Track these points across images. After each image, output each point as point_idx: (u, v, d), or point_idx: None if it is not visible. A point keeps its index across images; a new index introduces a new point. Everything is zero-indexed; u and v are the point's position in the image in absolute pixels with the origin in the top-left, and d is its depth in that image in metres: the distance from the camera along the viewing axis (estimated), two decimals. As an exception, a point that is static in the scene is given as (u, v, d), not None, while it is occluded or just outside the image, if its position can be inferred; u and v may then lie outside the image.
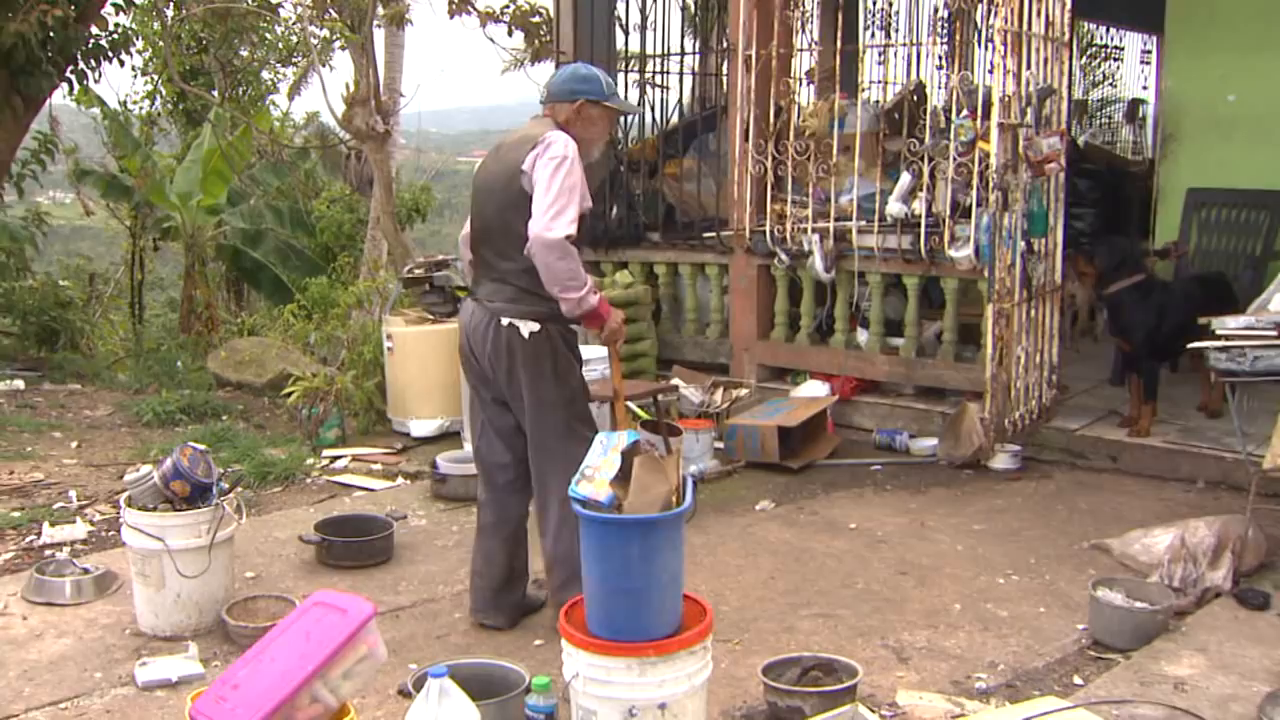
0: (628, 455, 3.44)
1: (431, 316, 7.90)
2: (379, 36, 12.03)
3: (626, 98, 9.12)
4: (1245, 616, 4.65)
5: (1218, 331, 5.22)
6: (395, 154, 13.05)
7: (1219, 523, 5.10)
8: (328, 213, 14.75)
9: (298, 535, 5.56)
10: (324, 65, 11.71)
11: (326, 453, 7.30)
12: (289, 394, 7.71)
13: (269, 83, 17.11)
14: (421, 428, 7.67)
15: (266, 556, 5.50)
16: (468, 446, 7.12)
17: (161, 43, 13.69)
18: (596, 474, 3.41)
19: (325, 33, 13.16)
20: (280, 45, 16.33)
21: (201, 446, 4.81)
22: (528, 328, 4.35)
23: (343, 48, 12.29)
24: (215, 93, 15.20)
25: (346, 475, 6.91)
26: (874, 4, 8.76)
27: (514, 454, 4.59)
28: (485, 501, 4.69)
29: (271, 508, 6.32)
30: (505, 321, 4.37)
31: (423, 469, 6.84)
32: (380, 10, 10.86)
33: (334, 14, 11.37)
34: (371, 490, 6.65)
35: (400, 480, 6.83)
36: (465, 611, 4.82)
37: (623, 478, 3.41)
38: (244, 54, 16.12)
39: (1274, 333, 5.05)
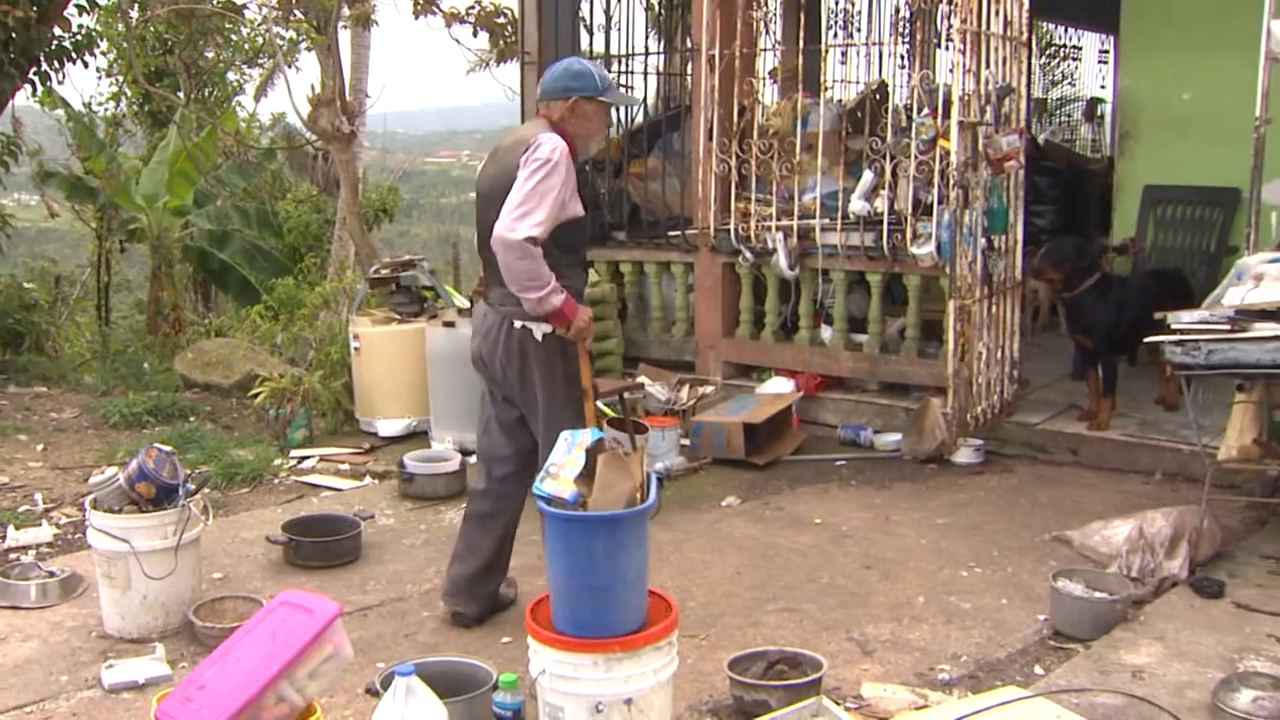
0: (592, 453, 3.48)
1: (398, 317, 7.91)
2: (344, 38, 12.05)
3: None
4: (1201, 605, 4.74)
5: (1173, 326, 5.30)
6: (361, 155, 13.05)
7: (1175, 514, 5.19)
8: (294, 213, 14.71)
9: (265, 536, 5.57)
10: (290, 66, 11.71)
11: (294, 453, 7.30)
12: (256, 395, 7.71)
13: (235, 84, 17.06)
14: (389, 427, 7.68)
15: (234, 557, 5.51)
16: (435, 446, 7.18)
17: (126, 44, 13.62)
18: (561, 471, 3.44)
19: (291, 34, 13.14)
20: (246, 46, 16.28)
21: (167, 448, 4.82)
22: (541, 330, 4.40)
23: (309, 49, 12.30)
24: (181, 94, 15.14)
25: (314, 475, 6.92)
26: (836, 4, 8.85)
27: (515, 447, 4.66)
28: (482, 492, 4.72)
29: (239, 508, 6.32)
30: (518, 324, 4.41)
31: (390, 468, 6.86)
32: (346, 11, 10.86)
33: (299, 15, 11.36)
34: (339, 490, 6.66)
35: (368, 480, 6.85)
36: (434, 610, 4.85)
37: (587, 475, 3.45)
38: (209, 55, 16.05)
39: (1227, 327, 5.13)
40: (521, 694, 3.60)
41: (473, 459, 6.91)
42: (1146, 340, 5.55)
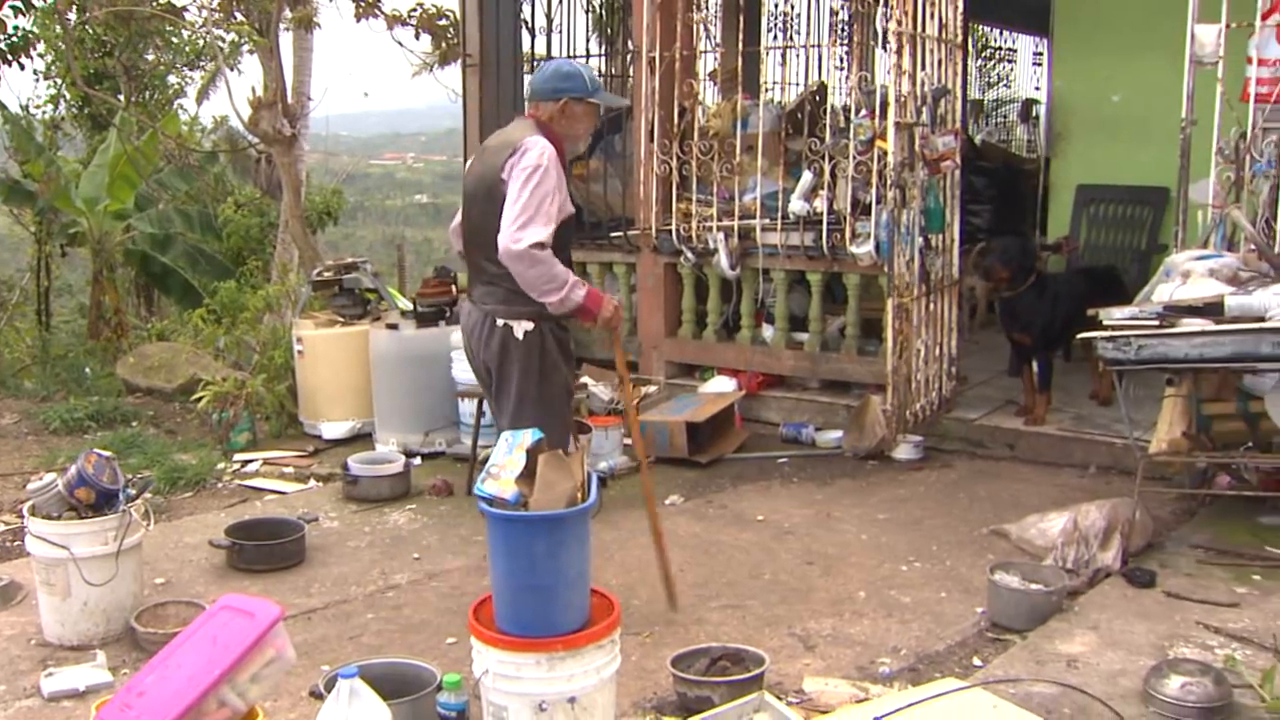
0: (532, 453, 3.50)
1: (341, 319, 7.89)
2: (286, 40, 11.97)
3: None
4: (1133, 595, 4.84)
5: (1105, 323, 5.41)
6: (304, 157, 12.96)
7: (1109, 506, 5.28)
8: (235, 217, 14.59)
9: (208, 540, 5.54)
10: (232, 69, 11.62)
11: (238, 457, 7.26)
12: (199, 399, 7.67)
13: (176, 87, 16.88)
14: (333, 430, 7.66)
15: (177, 562, 5.49)
16: (380, 448, 7.18)
17: (64, 46, 13.46)
18: (502, 472, 3.46)
19: (232, 37, 13.02)
20: (187, 49, 16.11)
21: (107, 453, 4.78)
22: (522, 327, 4.48)
23: (251, 51, 12.20)
24: (121, 97, 14.97)
25: (258, 479, 6.90)
26: (775, 7, 8.90)
27: None
28: None
29: (182, 513, 6.29)
30: (500, 322, 4.50)
31: (334, 471, 6.84)
32: (288, 14, 10.79)
33: (240, 17, 11.26)
34: (283, 493, 6.65)
35: (312, 483, 6.84)
36: (378, 612, 4.87)
37: (528, 475, 3.47)
38: (150, 58, 15.88)
39: (1156, 323, 5.25)
40: (466, 694, 3.62)
41: (417, 460, 6.99)
42: (1080, 337, 5.65)
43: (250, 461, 7.19)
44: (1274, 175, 6.07)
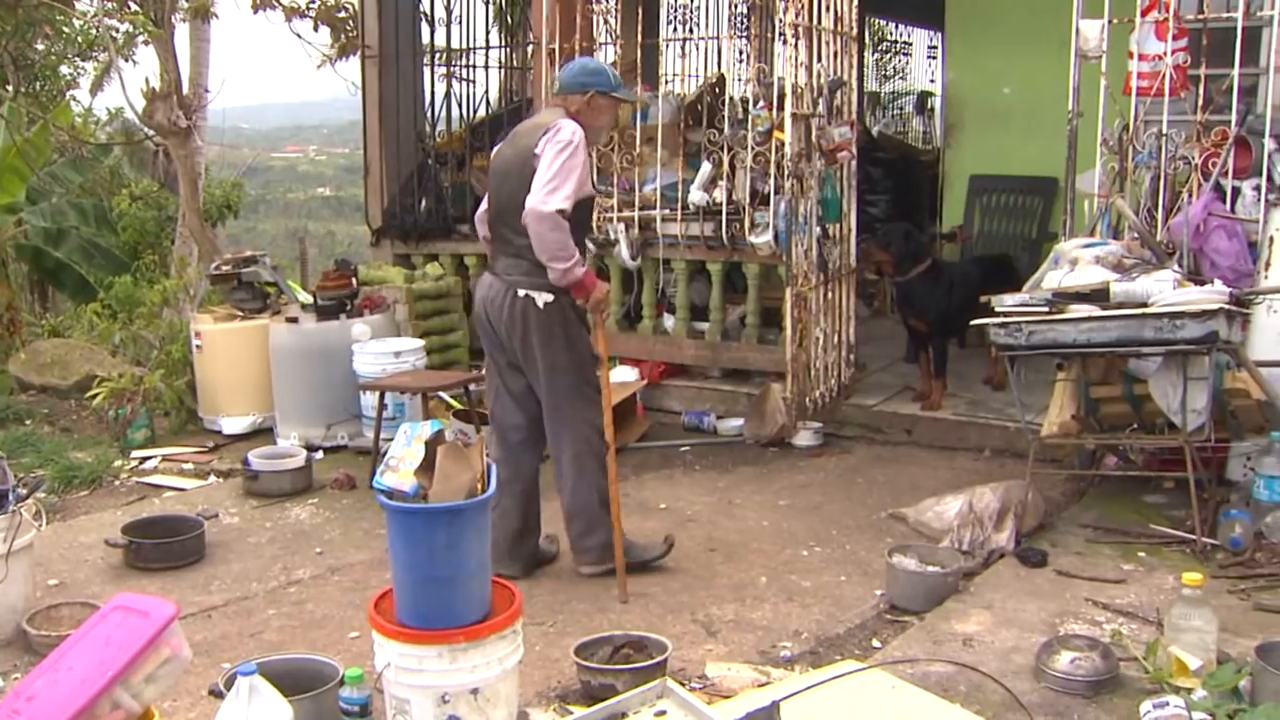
0: (431, 445, 3.51)
1: (241, 313, 7.79)
2: (183, 30, 11.73)
3: (433, 91, 9.16)
4: (1026, 574, 4.96)
5: (997, 309, 5.54)
6: (203, 150, 12.73)
7: (1003, 488, 5.41)
8: (131, 210, 14.30)
9: (104, 539, 5.42)
10: (126, 60, 11.36)
11: (135, 454, 7.13)
12: (95, 395, 7.52)
13: (69, 78, 16.47)
14: (233, 425, 7.55)
15: (71, 563, 5.38)
16: (281, 442, 7.11)
17: (-54, 36, 13.09)
18: (401, 464, 3.47)
19: (126, 27, 12.73)
20: (79, 39, 15.73)
21: (-3, 452, 4.69)
22: (543, 298, 4.77)
23: (146, 42, 11.93)
24: (10, 88, 14.57)
25: (156, 476, 6.78)
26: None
27: (526, 415, 5.05)
28: (500, 460, 4.99)
29: (77, 512, 6.16)
30: (522, 293, 4.78)
31: (235, 466, 6.74)
32: (183, 3, 10.59)
33: (135, 6, 11.02)
34: (183, 490, 6.54)
35: (212, 479, 6.74)
36: (280, 607, 4.82)
37: (427, 467, 3.47)
38: (39, 48, 15.48)
39: (1045, 309, 5.38)
40: (368, 689, 3.60)
41: (319, 454, 6.93)
42: (973, 323, 5.78)
43: (149, 458, 7.07)
44: (1155, 166, 6.26)
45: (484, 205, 5.14)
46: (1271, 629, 4.27)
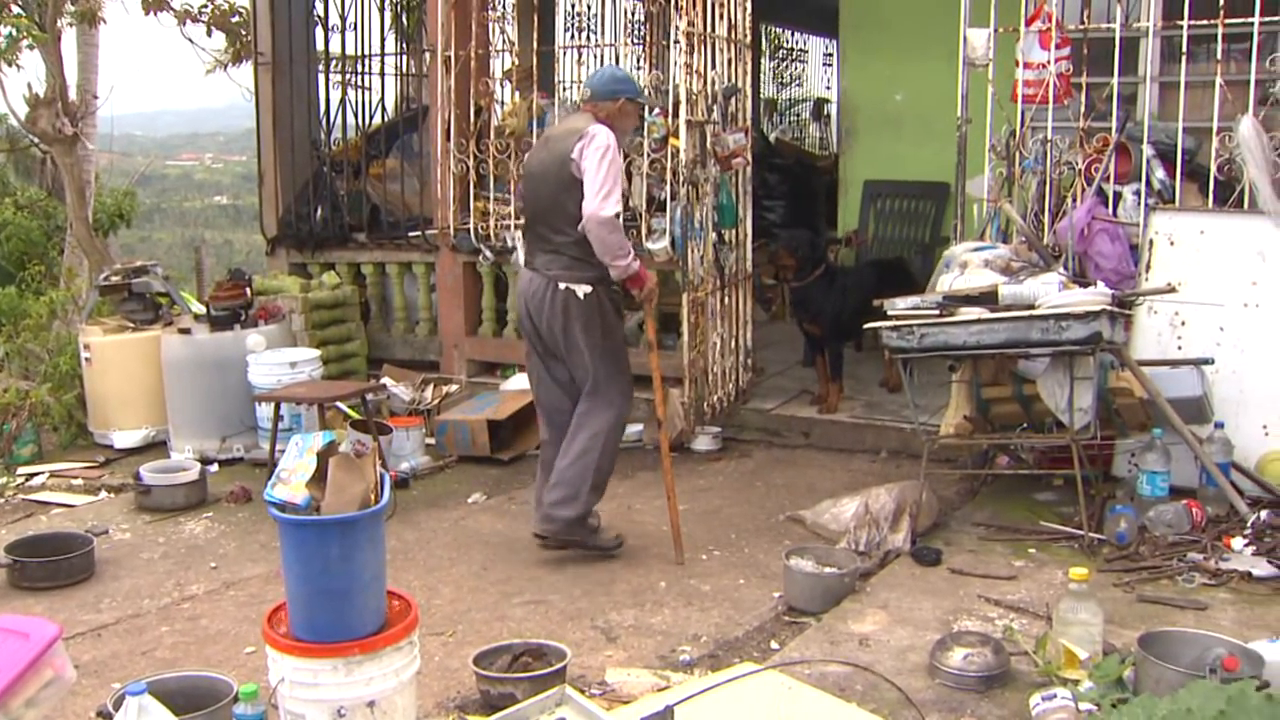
0: (323, 456, 3.47)
1: (132, 324, 7.63)
2: (70, 35, 11.45)
3: (328, 98, 9.07)
4: (920, 573, 5.05)
5: (890, 312, 5.63)
6: (91, 157, 12.44)
7: (898, 489, 5.49)
8: (15, 219, 13.92)
9: (-13, 559, 5.30)
10: (10, 64, 11.05)
11: (21, 470, 6.94)
12: (-23, 411, 7.31)
13: (-53, 83, 15.98)
14: (125, 439, 7.39)
15: (-47, 584, 5.24)
16: (175, 456, 6.98)
17: None
18: (292, 476, 3.41)
19: (9, 30, 12.40)
20: (-41, 42, 15.27)
21: None
22: (582, 290, 5.16)
23: (31, 47, 11.63)
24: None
25: (44, 492, 6.61)
26: (571, 7, 8.94)
27: (570, 399, 5.39)
28: (548, 440, 5.47)
29: (-41, 533, 6.00)
30: (563, 286, 5.16)
31: (127, 481, 6.61)
32: (70, 6, 10.34)
33: (18, 10, 10.74)
34: (71, 506, 6.38)
35: (103, 494, 6.59)
36: (173, 624, 4.74)
37: (319, 479, 3.43)
38: (-86, 50, 15.00)
39: (936, 312, 5.48)
40: (263, 704, 3.54)
41: (214, 467, 6.82)
42: (866, 327, 5.86)
43: (36, 475, 6.89)
44: (1041, 171, 6.41)
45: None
46: (1154, 620, 4.39)
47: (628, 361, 5.39)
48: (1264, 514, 5.25)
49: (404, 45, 10.33)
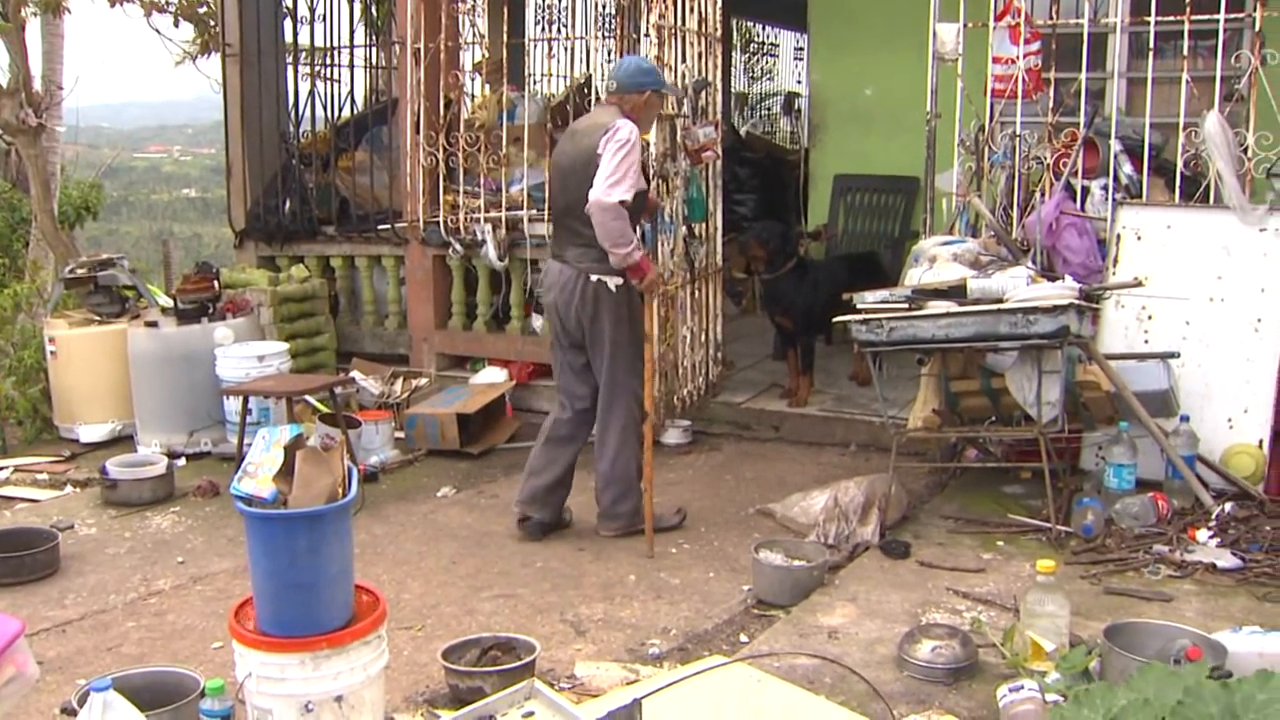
0: (290, 450, 3.45)
1: (98, 318, 7.56)
2: (35, 25, 11.35)
3: (297, 90, 9.02)
4: (889, 566, 5.07)
5: (859, 306, 5.64)
6: (57, 149, 12.35)
7: (867, 482, 5.51)
8: (-23, 211, 13.79)
9: (-50, 555, 5.25)
10: (-28, 55, 10.94)
11: (-14, 466, 6.90)
12: (-60, 406, 7.25)
13: (-90, 72, 15.81)
14: (91, 433, 7.33)
15: (-85, 580, 5.18)
16: (142, 450, 6.93)
17: None
18: (259, 470, 3.39)
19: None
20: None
21: None
22: (614, 282, 5.30)
23: (-5, 38, 11.53)
24: None
25: (9, 487, 6.54)
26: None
27: (589, 387, 5.55)
28: (564, 420, 5.60)
29: (-79, 528, 5.93)
30: (594, 278, 5.30)
31: (93, 476, 6.55)
32: (34, -4, 10.25)
33: (-18, -1, 10.65)
34: (36, 501, 6.33)
35: (69, 489, 6.53)
36: (139, 620, 4.71)
37: (286, 473, 3.41)
38: (-124, 42, 14.82)
39: (905, 306, 5.50)
40: (230, 699, 3.53)
41: (181, 461, 6.78)
42: (835, 320, 5.87)
43: (0, 469, 6.83)
44: (1010, 166, 6.44)
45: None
46: (1120, 611, 4.42)
47: (644, 355, 5.45)
48: (1228, 506, 5.29)
49: (373, 37, 10.28)
